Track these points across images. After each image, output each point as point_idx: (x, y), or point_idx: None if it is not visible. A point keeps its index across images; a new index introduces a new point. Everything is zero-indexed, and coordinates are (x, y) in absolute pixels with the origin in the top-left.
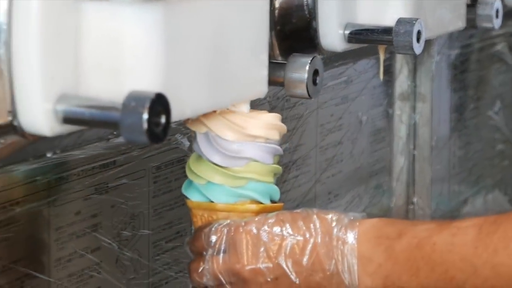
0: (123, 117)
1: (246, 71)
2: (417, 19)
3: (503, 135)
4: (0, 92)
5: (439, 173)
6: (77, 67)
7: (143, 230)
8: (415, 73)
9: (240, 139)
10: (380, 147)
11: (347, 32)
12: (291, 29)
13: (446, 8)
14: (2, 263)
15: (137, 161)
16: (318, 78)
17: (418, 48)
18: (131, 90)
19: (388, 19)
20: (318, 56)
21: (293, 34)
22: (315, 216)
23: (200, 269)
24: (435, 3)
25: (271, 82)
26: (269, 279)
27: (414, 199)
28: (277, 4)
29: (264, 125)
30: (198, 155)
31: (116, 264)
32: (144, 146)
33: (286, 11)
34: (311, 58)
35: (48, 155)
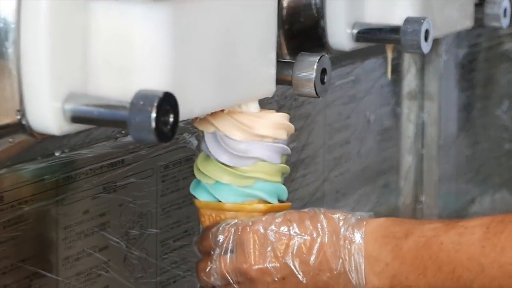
0: (131, 116)
1: (254, 70)
2: (425, 18)
3: (511, 134)
4: (8, 91)
5: (446, 172)
6: (86, 66)
7: (151, 229)
8: (423, 72)
9: (248, 138)
10: (387, 146)
11: (355, 31)
12: (299, 28)
13: (454, 7)
14: (11, 261)
15: (145, 160)
16: (326, 77)
17: (426, 47)
18: (139, 89)
19: (396, 18)
20: (326, 55)
21: (301, 33)
22: (322, 216)
23: (208, 269)
24: (443, 2)
25: (279, 81)
26: (276, 279)
27: (422, 198)
28: (285, 3)
29: (272, 124)
30: (206, 155)
31: (124, 263)
32: (152, 145)
33: (294, 10)
34: (319, 57)
35: (57, 154)
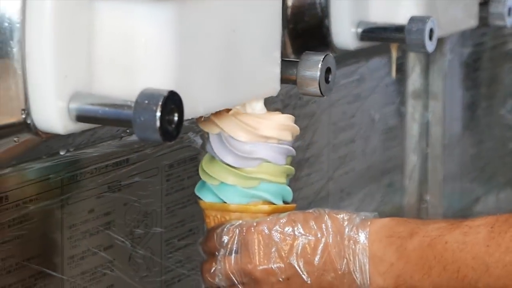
0: (136, 115)
1: (259, 69)
2: (430, 17)
3: None
4: (13, 91)
5: (451, 172)
6: (90, 65)
7: (156, 228)
8: (427, 71)
9: (252, 140)
10: (392, 145)
11: (359, 30)
12: (304, 28)
13: (458, 7)
14: (15, 260)
15: (150, 159)
16: (331, 76)
17: (430, 46)
18: (144, 88)
19: (400, 17)
20: (331, 54)
21: (305, 32)
22: (326, 216)
23: (212, 270)
24: (447, 1)
25: (284, 80)
26: (281, 279)
27: (427, 197)
28: (289, 3)
29: (277, 126)
30: (211, 156)
31: (129, 262)
32: (157, 144)
33: (299, 9)
34: (323, 56)
35: (62, 153)
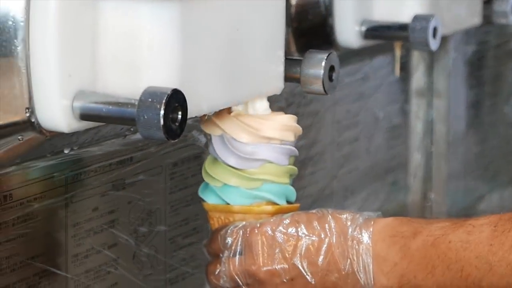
0: (140, 113)
1: (263, 67)
2: (433, 16)
3: None
4: (18, 89)
5: (455, 170)
6: (94, 64)
7: (160, 226)
8: (431, 69)
9: (255, 141)
10: (396, 144)
11: (363, 28)
12: (308, 26)
13: (462, 5)
14: (20, 259)
15: (154, 157)
16: (334, 74)
17: (434, 44)
18: (147, 86)
19: (404, 16)
20: (334, 52)
21: (309, 30)
22: (330, 216)
23: (217, 271)
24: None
25: (288, 79)
26: (285, 280)
27: (431, 196)
28: (293, 1)
29: (279, 126)
30: (213, 158)
31: (133, 260)
32: (160, 142)
33: (303, 8)
34: (327, 54)
35: (66, 151)
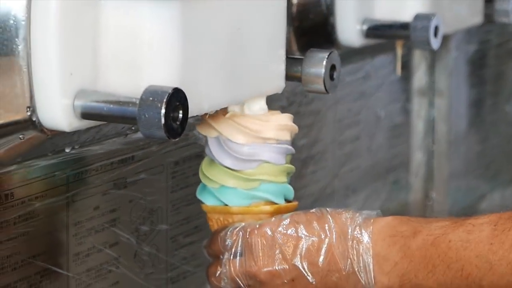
0: (141, 112)
1: (264, 66)
2: (435, 15)
3: None
4: (19, 88)
5: (456, 169)
6: (95, 63)
7: (161, 225)
8: (433, 68)
9: (251, 141)
10: (398, 143)
11: (364, 27)
12: (309, 25)
13: (463, 4)
14: (21, 257)
15: (155, 156)
16: (335, 73)
17: (435, 43)
18: (148, 85)
19: (405, 15)
20: (336, 51)
21: (310, 29)
22: (329, 216)
23: (218, 273)
24: None
25: (289, 77)
26: (285, 281)
27: (432, 195)
28: (295, 0)
29: (275, 126)
30: (210, 159)
31: (134, 259)
32: (162, 141)
33: (304, 7)
34: (328, 53)
35: (67, 150)
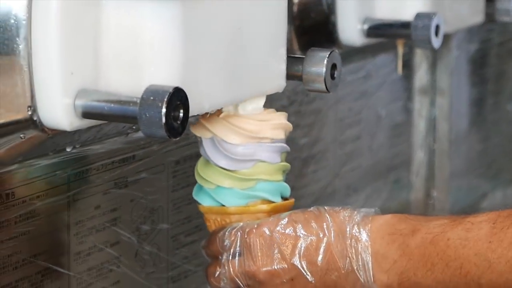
0: (142, 111)
1: (265, 66)
2: (436, 14)
3: None
4: (20, 87)
5: (458, 168)
6: (96, 62)
7: (162, 224)
8: (434, 67)
9: (245, 141)
10: (399, 142)
11: (365, 26)
12: (310, 24)
13: (464, 3)
14: (22, 257)
15: (156, 155)
16: (336, 72)
17: (436, 42)
18: (149, 84)
19: (406, 14)
20: (336, 50)
21: (311, 28)
22: (327, 215)
23: (217, 274)
24: None
25: (290, 76)
26: (285, 280)
27: (433, 194)
28: None
29: (269, 125)
30: (205, 160)
31: (135, 258)
32: (162, 140)
33: (305, 6)
34: (329, 52)
35: (68, 149)
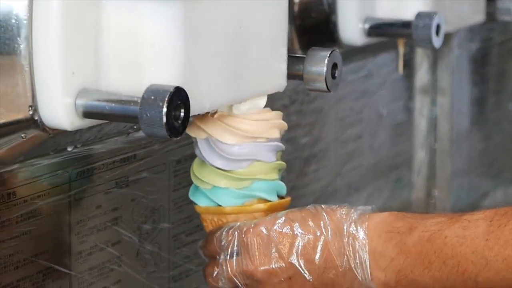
0: (143, 111)
1: (265, 65)
2: (437, 13)
3: None
4: (21, 87)
5: (459, 167)
6: (97, 62)
7: (164, 223)
8: (435, 67)
9: (240, 141)
10: (400, 141)
11: (366, 26)
12: (311, 24)
13: (465, 2)
14: (23, 256)
15: (158, 155)
16: (337, 71)
17: (437, 41)
18: (150, 84)
19: (407, 13)
20: (337, 49)
21: (312, 28)
22: (324, 213)
23: (215, 273)
24: None
25: (291, 76)
26: (282, 279)
27: (434, 193)
28: None
29: (264, 125)
30: (201, 160)
31: (136, 257)
32: (163, 140)
33: (306, 5)
34: (330, 52)
35: (69, 149)
